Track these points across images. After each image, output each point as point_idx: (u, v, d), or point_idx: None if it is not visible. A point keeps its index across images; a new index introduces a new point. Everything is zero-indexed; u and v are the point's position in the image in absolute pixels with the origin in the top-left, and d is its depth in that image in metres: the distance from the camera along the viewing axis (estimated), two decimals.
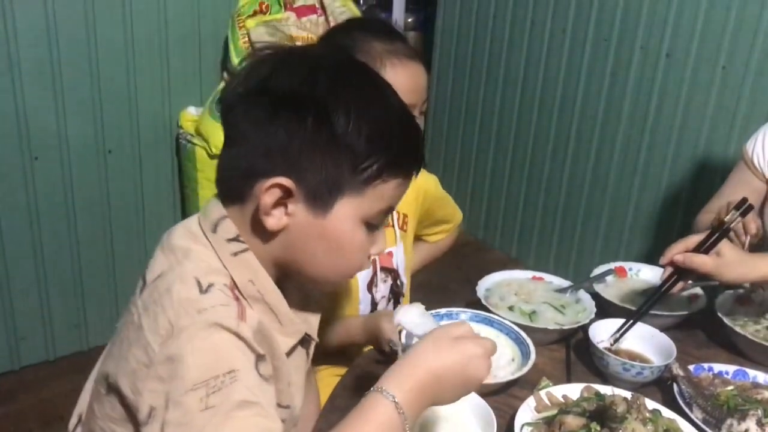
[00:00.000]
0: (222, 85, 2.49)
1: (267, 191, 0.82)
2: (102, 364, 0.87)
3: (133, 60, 2.38)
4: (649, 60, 2.58)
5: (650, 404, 1.08)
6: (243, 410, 0.73)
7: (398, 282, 1.49)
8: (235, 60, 2.36)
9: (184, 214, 2.66)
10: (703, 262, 1.25)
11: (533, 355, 1.21)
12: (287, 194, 0.83)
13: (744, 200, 1.32)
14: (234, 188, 0.86)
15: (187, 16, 2.46)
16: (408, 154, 0.88)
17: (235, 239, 0.85)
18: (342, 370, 1.29)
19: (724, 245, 1.27)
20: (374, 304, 1.44)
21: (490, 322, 1.30)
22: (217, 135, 2.36)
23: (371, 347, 1.33)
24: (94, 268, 2.52)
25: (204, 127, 2.40)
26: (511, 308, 1.35)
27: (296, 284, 0.93)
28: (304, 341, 0.96)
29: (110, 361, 0.84)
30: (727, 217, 1.30)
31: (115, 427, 0.85)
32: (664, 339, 1.27)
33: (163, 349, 0.75)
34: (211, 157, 2.40)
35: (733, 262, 1.26)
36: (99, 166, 2.42)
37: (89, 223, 2.46)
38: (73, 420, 0.97)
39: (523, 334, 1.26)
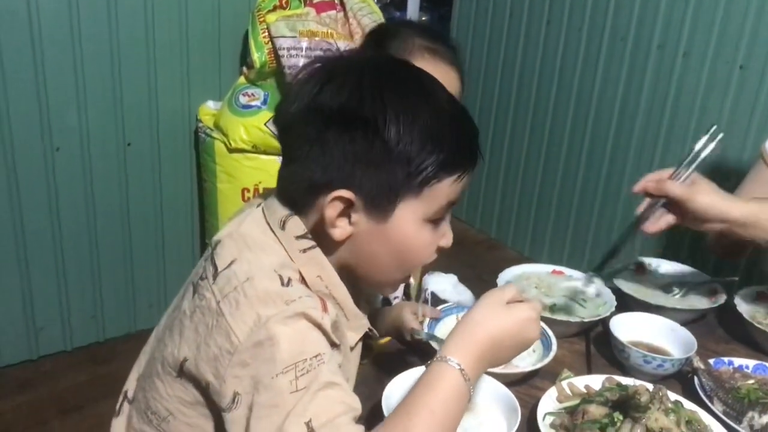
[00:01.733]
0: (241, 79, 2.51)
1: (330, 204, 0.84)
2: (168, 345, 0.88)
3: (153, 54, 2.40)
4: (666, 59, 2.58)
5: (672, 396, 1.09)
6: (329, 390, 0.76)
7: (408, 283, 1.52)
8: (255, 55, 2.38)
9: (202, 208, 2.68)
10: (675, 186, 1.22)
11: (555, 346, 1.22)
12: (349, 205, 0.85)
13: (712, 125, 1.29)
14: (297, 202, 0.88)
15: (207, 12, 2.49)
16: (462, 151, 0.89)
17: (304, 236, 0.87)
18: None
19: (699, 176, 1.25)
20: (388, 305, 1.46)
21: None
22: (235, 129, 2.39)
23: (388, 339, 1.34)
24: (111, 260, 2.55)
25: (223, 121, 2.42)
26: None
27: (350, 286, 0.94)
28: (361, 339, 0.98)
29: (185, 345, 0.84)
30: (698, 145, 1.26)
31: (185, 409, 0.87)
32: (685, 333, 1.28)
33: (251, 337, 0.77)
34: (230, 150, 2.42)
35: (706, 190, 1.22)
36: (118, 158, 2.44)
37: (108, 216, 2.48)
38: (120, 398, 0.99)
39: (545, 326, 1.27)
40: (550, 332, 1.26)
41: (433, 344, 1.19)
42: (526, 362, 1.21)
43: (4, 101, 2.16)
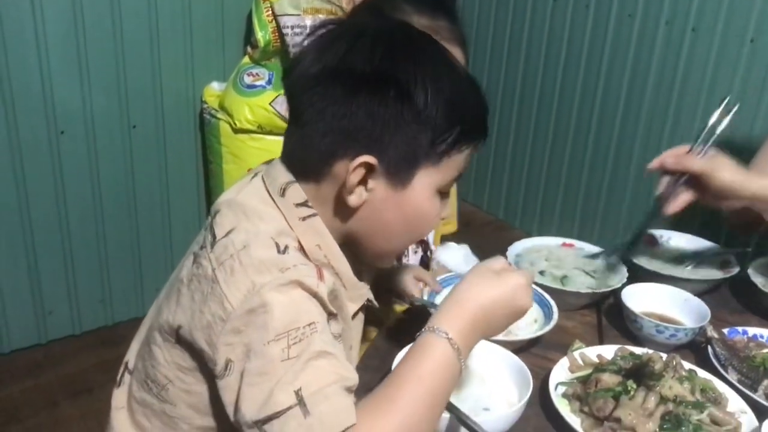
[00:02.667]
0: (246, 59, 2.50)
1: (353, 170, 0.83)
2: (164, 312, 0.87)
3: (157, 35, 2.39)
4: (674, 35, 2.55)
5: (686, 365, 1.08)
6: (321, 359, 0.74)
7: (428, 252, 1.49)
8: (258, 34, 2.35)
9: (208, 190, 2.68)
10: (696, 161, 1.19)
11: (556, 316, 1.21)
12: (369, 171, 0.84)
13: (725, 97, 1.25)
14: (308, 168, 0.86)
15: None
16: (480, 123, 0.90)
17: (304, 204, 0.86)
18: (372, 332, 1.29)
19: (717, 151, 1.22)
20: None
21: None
22: (240, 109, 2.37)
23: (402, 309, 1.33)
24: (119, 244, 2.55)
25: (228, 102, 2.41)
26: (542, 273, 1.35)
27: (351, 256, 0.93)
28: (362, 307, 0.97)
29: (180, 312, 0.83)
30: (713, 118, 1.24)
31: (184, 376, 0.86)
32: (698, 303, 1.26)
33: (244, 304, 0.75)
34: (235, 131, 2.41)
35: (727, 165, 1.19)
36: (123, 141, 2.43)
37: (114, 199, 2.48)
38: (120, 369, 0.98)
39: (547, 296, 1.26)
40: (552, 302, 1.24)
41: (432, 311, 1.17)
42: (525, 332, 1.20)
43: (8, 86, 2.15)
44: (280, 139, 2.57)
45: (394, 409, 0.74)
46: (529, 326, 1.22)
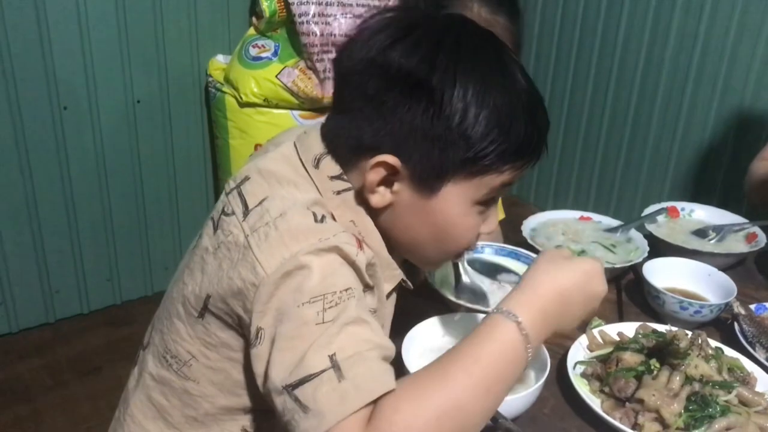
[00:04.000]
0: (251, 30, 2.43)
1: (373, 169, 0.78)
2: (189, 284, 0.82)
3: (160, 7, 2.33)
4: (692, 7, 2.46)
5: (712, 343, 1.02)
6: (356, 326, 0.69)
7: None
8: (264, 4, 2.29)
9: (215, 165, 2.63)
10: None
11: None
12: (393, 173, 0.78)
13: None
14: (341, 157, 0.82)
15: None
16: (528, 143, 0.80)
17: (339, 177, 0.81)
18: None
19: None
20: None
21: (516, 256, 1.24)
22: (246, 82, 2.31)
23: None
24: (125, 222, 2.51)
25: (233, 75, 2.35)
26: (558, 247, 1.29)
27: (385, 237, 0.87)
28: (396, 287, 0.91)
29: (206, 281, 0.79)
30: None
31: (209, 352, 0.81)
32: (723, 277, 1.20)
33: (279, 269, 0.70)
34: (241, 105, 2.35)
35: None
36: (128, 116, 2.39)
37: (119, 175, 2.44)
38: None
39: None
40: None
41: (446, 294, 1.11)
42: None
43: (9, 63, 2.10)
44: (287, 112, 2.53)
45: (442, 387, 0.66)
46: None
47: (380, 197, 0.80)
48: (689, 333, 1.00)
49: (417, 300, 1.16)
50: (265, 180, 0.81)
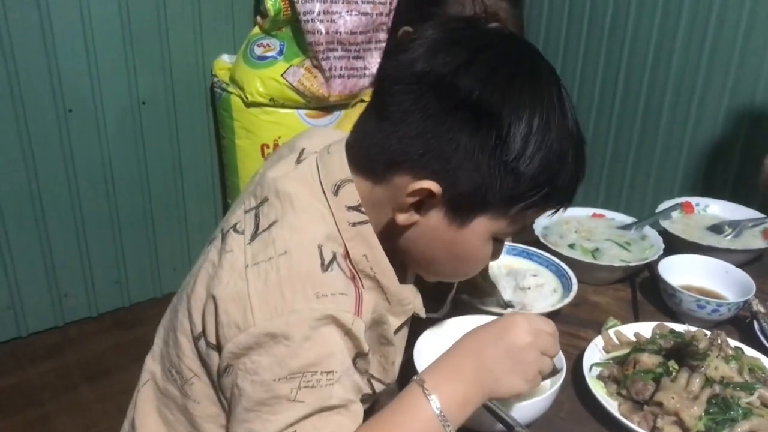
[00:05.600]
0: (255, 29, 2.41)
1: (413, 191, 0.75)
2: (192, 300, 0.80)
3: (164, 8, 2.32)
4: None
5: (731, 342, 1.00)
6: (327, 411, 0.69)
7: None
8: (268, 2, 2.26)
9: (222, 165, 2.62)
10: None
11: (575, 286, 1.13)
12: (429, 197, 0.75)
13: None
14: (372, 166, 0.78)
15: None
16: (569, 189, 0.79)
17: (356, 208, 0.78)
18: None
19: None
20: None
21: (528, 255, 1.23)
22: (252, 82, 2.30)
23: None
24: (132, 224, 2.50)
25: (239, 74, 2.33)
26: (572, 246, 1.27)
27: (396, 262, 0.85)
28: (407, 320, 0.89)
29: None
30: None
31: (207, 371, 0.79)
32: (740, 274, 1.18)
33: (267, 324, 0.69)
34: (247, 105, 2.34)
35: None
36: (133, 117, 2.38)
37: (126, 178, 2.43)
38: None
39: (564, 266, 1.18)
40: (570, 272, 1.17)
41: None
42: (547, 302, 1.12)
43: (13, 65, 2.09)
44: (293, 112, 2.51)
45: None
46: (549, 296, 1.14)
47: (407, 218, 0.77)
48: (708, 333, 0.98)
49: (429, 302, 1.14)
50: (281, 202, 0.78)
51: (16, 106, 2.13)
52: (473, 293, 1.10)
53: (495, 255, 0.85)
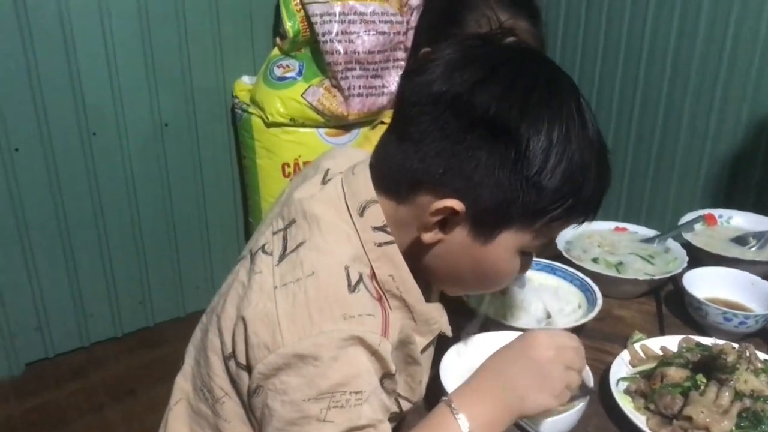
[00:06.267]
0: (275, 51, 2.44)
1: (436, 210, 0.75)
2: (223, 320, 0.81)
3: (185, 31, 2.35)
4: (720, 5, 2.42)
5: (760, 355, 0.99)
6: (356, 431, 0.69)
7: None
8: (287, 24, 2.30)
9: (243, 185, 2.64)
10: None
11: (600, 301, 1.13)
12: (453, 215, 0.76)
13: None
14: (395, 186, 0.79)
15: None
16: (593, 201, 0.79)
17: (382, 229, 0.79)
18: None
19: None
20: None
21: (552, 270, 1.23)
22: (272, 102, 2.32)
23: None
24: (156, 244, 2.53)
25: (259, 95, 2.36)
26: (595, 260, 1.27)
27: (422, 280, 0.85)
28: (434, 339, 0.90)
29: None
30: None
31: (237, 391, 0.80)
32: (766, 286, 1.17)
33: (296, 344, 0.69)
34: (268, 125, 2.36)
35: None
36: (156, 139, 2.41)
37: (149, 199, 2.46)
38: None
39: (588, 280, 1.18)
40: (594, 287, 1.17)
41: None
42: (570, 319, 1.12)
43: (39, 89, 2.13)
44: (313, 131, 2.54)
45: None
46: (573, 312, 1.14)
47: (432, 236, 0.78)
48: (736, 346, 0.98)
49: (455, 318, 1.14)
50: (308, 223, 0.78)
51: (42, 129, 2.17)
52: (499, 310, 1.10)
53: (524, 268, 0.85)
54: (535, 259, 1.23)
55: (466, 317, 1.07)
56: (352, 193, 0.80)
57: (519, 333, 0.96)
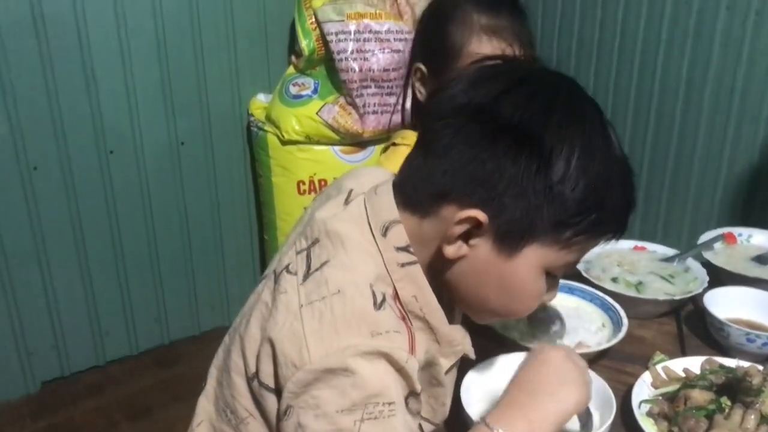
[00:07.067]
0: (290, 69, 2.46)
1: (459, 221, 0.75)
2: (246, 340, 0.81)
3: (201, 50, 2.37)
4: (736, 19, 2.41)
5: None
6: None
7: None
8: (303, 42, 2.32)
9: (258, 203, 2.65)
10: None
11: (625, 320, 1.12)
12: (476, 227, 0.76)
13: None
14: (419, 201, 0.79)
15: (252, 3, 2.45)
16: (619, 216, 0.79)
17: (405, 249, 0.78)
18: None
19: None
20: None
21: (570, 290, 1.21)
22: (287, 120, 2.33)
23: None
24: (171, 262, 2.54)
25: (274, 113, 2.37)
26: (615, 280, 1.26)
27: (445, 301, 0.85)
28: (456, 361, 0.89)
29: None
30: None
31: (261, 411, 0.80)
32: None
33: (324, 360, 0.69)
34: (283, 143, 2.37)
35: None
36: (172, 158, 2.42)
37: (165, 216, 2.47)
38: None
39: (610, 300, 1.17)
40: (617, 306, 1.16)
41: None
42: (597, 338, 1.11)
43: (57, 108, 2.15)
44: (328, 148, 2.54)
45: None
46: (599, 331, 1.13)
47: (455, 250, 0.77)
48: (761, 368, 0.96)
49: (477, 340, 1.14)
50: (332, 242, 0.78)
51: (60, 148, 2.19)
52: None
53: (550, 292, 0.84)
54: None
55: (490, 341, 1.06)
56: (374, 213, 0.80)
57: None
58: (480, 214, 0.74)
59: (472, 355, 0.88)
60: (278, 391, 0.73)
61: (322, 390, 0.69)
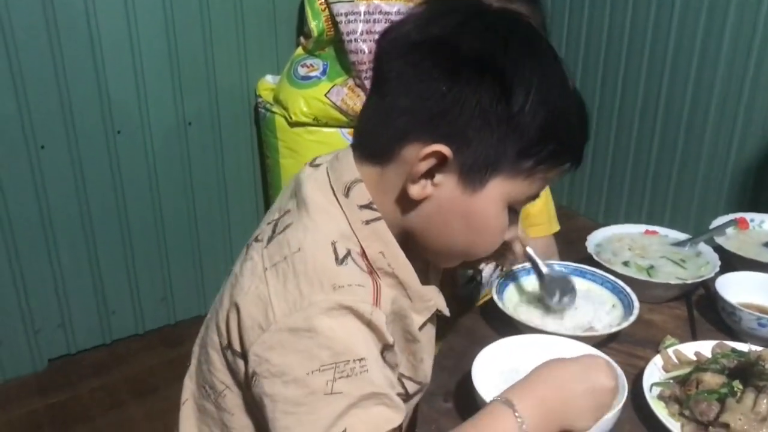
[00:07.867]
0: (299, 50, 2.45)
1: (424, 158, 0.75)
2: (219, 312, 0.81)
3: (209, 30, 2.36)
4: (749, 2, 2.40)
5: None
6: (369, 400, 0.68)
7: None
8: (312, 23, 2.30)
9: (266, 185, 2.64)
10: None
11: (637, 304, 1.12)
12: (441, 163, 0.76)
13: None
14: (378, 146, 0.79)
15: None
16: (577, 145, 0.82)
17: (368, 206, 0.79)
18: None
19: None
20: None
21: (582, 273, 1.21)
22: (295, 102, 2.32)
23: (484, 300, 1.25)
24: (178, 242, 2.54)
25: (282, 95, 2.36)
26: (626, 263, 1.25)
27: (416, 259, 0.85)
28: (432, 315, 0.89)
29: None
30: None
31: (236, 382, 0.80)
32: None
33: (288, 318, 0.69)
34: (291, 125, 2.37)
35: None
36: (180, 138, 2.42)
37: (172, 197, 2.47)
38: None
39: (621, 283, 1.17)
40: (628, 289, 1.15)
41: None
42: (610, 317, 1.11)
43: (65, 88, 2.15)
44: (336, 130, 2.53)
45: None
46: (610, 312, 1.13)
47: (420, 189, 0.77)
48: None
49: (487, 322, 1.14)
50: (297, 208, 0.80)
51: (68, 127, 2.18)
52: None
53: (511, 227, 0.85)
54: (564, 262, 1.23)
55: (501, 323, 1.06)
56: (336, 177, 0.81)
57: (557, 337, 0.97)
58: (444, 149, 0.74)
59: (447, 312, 0.89)
60: (245, 356, 0.73)
61: (288, 356, 0.69)
